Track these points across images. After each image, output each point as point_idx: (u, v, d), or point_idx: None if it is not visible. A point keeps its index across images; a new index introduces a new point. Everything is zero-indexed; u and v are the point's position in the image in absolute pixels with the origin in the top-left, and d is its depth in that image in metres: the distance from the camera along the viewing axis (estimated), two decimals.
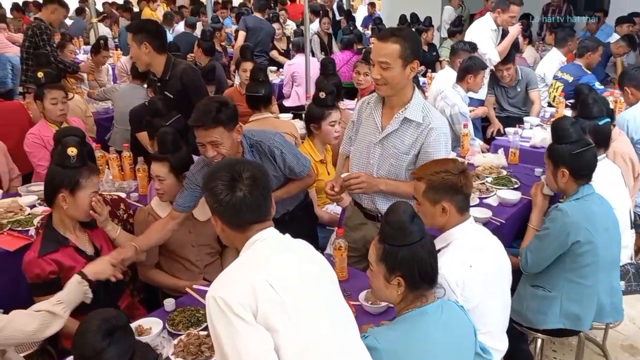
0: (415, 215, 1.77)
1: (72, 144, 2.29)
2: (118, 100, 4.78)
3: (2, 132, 4.01)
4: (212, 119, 2.38)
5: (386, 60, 2.35)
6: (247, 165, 1.68)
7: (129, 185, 3.57)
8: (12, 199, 3.33)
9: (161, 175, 2.68)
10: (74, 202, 2.32)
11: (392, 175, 2.54)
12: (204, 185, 1.71)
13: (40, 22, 5.33)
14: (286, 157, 2.66)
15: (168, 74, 3.54)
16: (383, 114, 2.55)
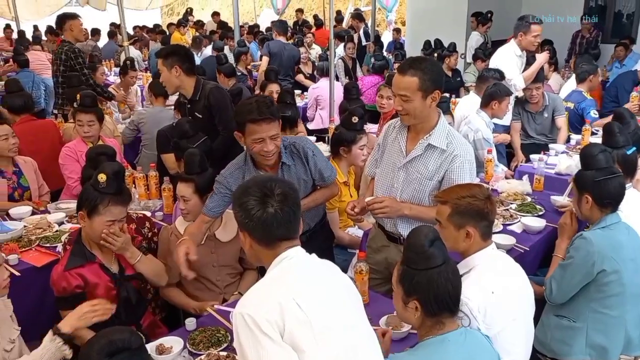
0: (436, 240, 1.76)
1: (105, 170, 2.35)
2: (145, 126, 4.89)
3: (33, 149, 4.15)
4: (274, 110, 2.49)
5: (405, 93, 2.39)
6: (279, 182, 1.70)
7: (154, 205, 3.63)
8: (41, 215, 3.42)
9: (186, 196, 2.74)
10: (89, 224, 2.38)
11: (415, 200, 2.55)
12: (235, 201, 1.71)
13: (71, 44, 5.44)
14: (317, 159, 2.73)
15: (198, 94, 3.63)
16: (408, 139, 2.57)
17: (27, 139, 4.03)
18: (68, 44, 5.45)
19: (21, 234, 3.14)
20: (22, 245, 3.02)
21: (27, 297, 2.74)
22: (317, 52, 9.24)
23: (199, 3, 18.92)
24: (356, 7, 14.88)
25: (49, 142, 4.43)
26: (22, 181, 3.67)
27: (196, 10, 17.21)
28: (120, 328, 1.55)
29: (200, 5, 18.67)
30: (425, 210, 2.52)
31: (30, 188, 3.69)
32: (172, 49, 3.66)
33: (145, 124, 4.88)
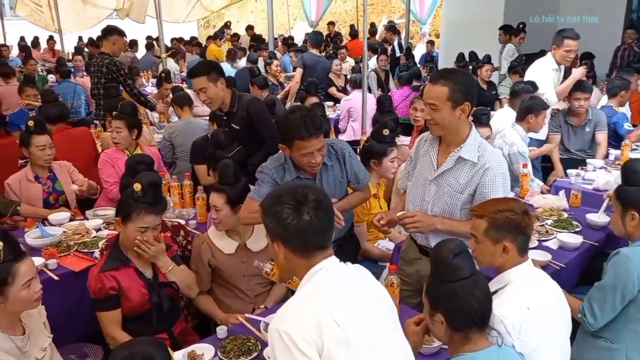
0: (461, 252, 1.74)
1: (141, 180, 2.44)
2: (177, 138, 4.97)
3: (69, 157, 4.27)
4: (320, 125, 2.58)
5: (434, 102, 2.38)
6: (311, 188, 1.66)
7: (188, 213, 3.70)
8: (79, 221, 3.52)
9: (218, 206, 2.78)
10: (124, 230, 2.48)
11: (446, 214, 2.53)
12: (267, 210, 1.65)
13: (112, 57, 5.54)
14: (353, 161, 2.84)
15: (235, 106, 3.69)
16: (439, 152, 2.56)
17: (63, 147, 4.15)
18: (108, 57, 5.56)
19: (60, 239, 3.23)
20: (61, 250, 3.11)
21: (64, 301, 2.83)
22: (350, 65, 9.28)
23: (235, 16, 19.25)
24: (390, 20, 14.91)
25: (84, 150, 4.59)
26: (57, 185, 3.79)
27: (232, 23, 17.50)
28: (147, 340, 1.58)
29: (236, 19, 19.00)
30: (458, 224, 2.49)
31: (65, 192, 3.80)
32: (211, 65, 3.70)
33: (177, 137, 4.97)
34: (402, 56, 9.86)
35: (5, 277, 1.96)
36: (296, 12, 17.94)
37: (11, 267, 1.97)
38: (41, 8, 12.65)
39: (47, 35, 12.89)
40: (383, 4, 17.09)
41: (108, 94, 5.18)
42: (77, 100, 7.11)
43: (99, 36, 7.19)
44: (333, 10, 17.13)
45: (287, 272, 1.75)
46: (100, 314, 2.45)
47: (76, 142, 4.60)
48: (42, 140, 3.64)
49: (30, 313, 2.15)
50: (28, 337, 2.09)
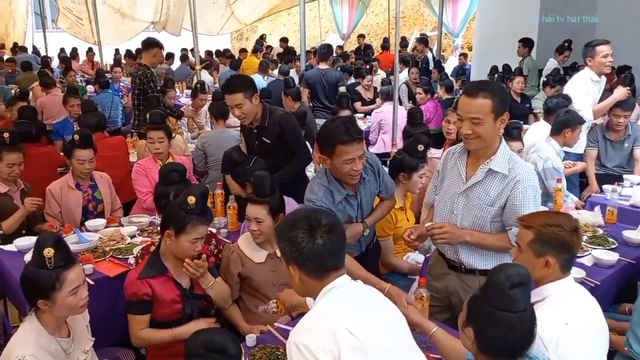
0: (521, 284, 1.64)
1: (194, 192, 2.48)
2: (210, 147, 5.04)
3: (106, 164, 4.42)
4: (360, 130, 2.65)
5: (478, 116, 2.34)
6: (323, 213, 1.74)
7: (219, 222, 3.75)
8: (115, 228, 3.61)
9: (260, 217, 2.79)
10: (175, 242, 2.51)
11: (476, 227, 2.50)
12: (282, 235, 1.73)
13: (146, 69, 5.67)
14: (383, 173, 2.91)
15: (266, 120, 3.72)
16: (468, 164, 2.54)
17: (101, 155, 4.27)
18: (144, 68, 5.68)
19: (96, 245, 3.33)
20: (97, 255, 3.19)
21: (99, 306, 2.88)
22: (381, 77, 9.29)
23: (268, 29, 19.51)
24: (422, 32, 14.88)
25: (120, 157, 4.79)
26: (97, 194, 3.90)
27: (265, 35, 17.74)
28: (224, 331, 1.78)
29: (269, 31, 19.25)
30: (488, 237, 2.47)
31: (104, 201, 3.91)
32: (247, 81, 3.72)
33: (209, 146, 5.04)
34: (433, 70, 9.81)
35: (54, 283, 2.03)
36: (328, 25, 18.08)
37: (60, 274, 2.04)
38: (81, 21, 13.10)
39: (86, 47, 13.29)
40: (415, 17, 17.08)
41: (149, 104, 5.28)
42: (115, 111, 7.32)
43: (139, 48, 7.36)
44: (365, 23, 17.19)
45: (302, 293, 1.81)
46: (131, 316, 2.53)
47: (112, 150, 4.77)
48: (83, 155, 3.75)
49: (75, 317, 2.22)
50: (73, 339, 2.16)
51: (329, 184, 2.73)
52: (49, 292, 2.02)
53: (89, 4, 11.49)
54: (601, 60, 4.65)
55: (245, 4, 14.52)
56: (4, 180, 3.65)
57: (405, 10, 16.63)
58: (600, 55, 4.63)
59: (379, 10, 17.50)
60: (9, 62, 10.34)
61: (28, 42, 15.03)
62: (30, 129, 4.43)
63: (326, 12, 17.30)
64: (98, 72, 8.76)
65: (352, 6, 14.91)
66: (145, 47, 5.75)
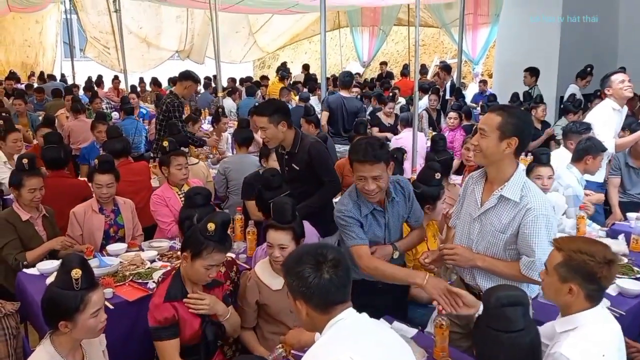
0: (512, 304, 1.65)
1: (215, 220, 2.49)
2: (231, 172, 5.09)
3: (130, 188, 4.49)
4: (378, 154, 2.64)
5: (484, 128, 2.41)
6: (329, 248, 1.76)
7: (239, 247, 3.77)
8: (135, 252, 3.65)
9: (284, 244, 2.77)
10: (190, 265, 2.52)
11: (489, 253, 2.49)
12: (288, 271, 1.76)
13: (175, 98, 5.76)
14: (414, 199, 2.92)
15: (297, 147, 3.73)
16: (484, 190, 2.54)
17: (125, 180, 4.34)
18: (173, 97, 5.76)
19: (117, 269, 3.37)
20: (117, 280, 3.23)
21: (117, 330, 2.90)
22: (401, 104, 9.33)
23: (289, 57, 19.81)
24: (442, 60, 14.96)
25: (143, 182, 4.87)
26: (119, 219, 3.95)
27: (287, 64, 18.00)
28: None
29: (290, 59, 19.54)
30: (500, 264, 2.45)
31: (125, 227, 3.95)
32: (276, 106, 3.73)
33: (231, 171, 5.09)
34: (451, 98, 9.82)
35: (79, 304, 2.06)
36: (349, 53, 18.30)
37: (85, 295, 2.07)
38: (108, 50, 13.50)
39: (112, 75, 13.65)
40: (435, 44, 17.18)
41: (171, 131, 5.36)
42: (138, 137, 7.46)
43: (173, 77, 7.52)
44: (385, 51, 17.34)
45: (309, 328, 1.82)
46: (161, 343, 2.47)
47: (136, 175, 4.86)
48: (101, 179, 3.80)
49: (91, 341, 2.23)
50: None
51: (357, 197, 2.79)
52: (73, 313, 2.05)
53: (116, 33, 11.84)
54: (619, 86, 4.63)
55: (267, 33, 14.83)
56: (26, 206, 3.69)
57: (425, 39, 16.76)
58: (617, 82, 4.62)
59: (399, 38, 17.66)
60: (37, 92, 10.65)
61: (56, 70, 15.48)
62: (59, 154, 4.53)
63: (347, 40, 17.53)
64: (123, 99, 8.95)
65: (373, 35, 15.13)
66: (181, 78, 5.86)
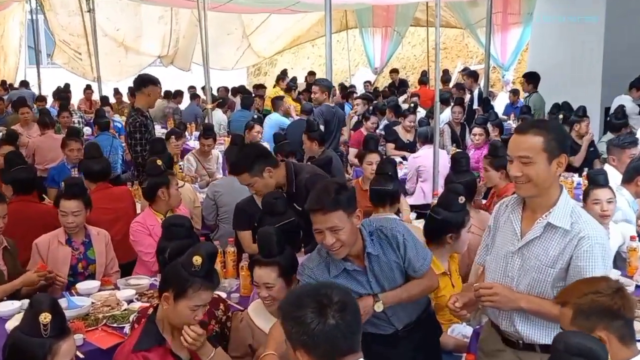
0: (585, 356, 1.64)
1: (201, 252, 2.49)
2: (222, 197, 5.08)
3: (109, 217, 4.49)
4: (331, 201, 2.53)
5: (527, 155, 2.36)
6: (334, 288, 1.76)
7: (231, 285, 3.76)
8: (110, 292, 3.65)
9: (269, 282, 2.76)
10: (173, 308, 2.50)
11: (534, 292, 2.46)
12: (285, 316, 1.74)
13: (137, 115, 5.47)
14: (408, 246, 2.74)
15: (293, 185, 3.75)
16: (523, 218, 2.52)
17: (102, 207, 4.36)
18: (135, 114, 5.54)
19: (88, 311, 3.36)
20: (88, 324, 3.22)
21: None
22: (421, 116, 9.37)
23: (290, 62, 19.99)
24: (466, 66, 15.06)
25: (125, 210, 4.79)
26: (90, 253, 3.95)
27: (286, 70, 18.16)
28: None
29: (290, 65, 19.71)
30: (547, 305, 2.41)
31: (97, 262, 3.94)
32: (251, 155, 3.76)
33: (221, 195, 5.07)
34: (478, 109, 9.87)
35: (45, 354, 2.04)
36: (358, 58, 18.46)
37: (54, 344, 2.06)
38: (80, 55, 13.62)
39: (83, 84, 13.75)
40: (458, 48, 17.32)
41: (154, 149, 5.27)
42: (114, 155, 7.46)
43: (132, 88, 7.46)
44: (400, 56, 17.49)
45: None
46: None
47: (117, 201, 4.81)
48: (67, 206, 3.80)
49: None
50: None
51: (328, 255, 2.69)
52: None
53: (89, 36, 11.97)
54: None
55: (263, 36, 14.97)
56: None
57: (447, 41, 16.90)
58: None
59: (416, 40, 17.82)
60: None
61: (19, 78, 15.54)
62: (29, 175, 4.55)
63: (355, 43, 17.69)
64: (98, 112, 9.04)
65: (386, 37, 15.23)
66: (138, 87, 5.69)
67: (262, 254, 2.84)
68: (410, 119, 8.01)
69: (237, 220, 4.27)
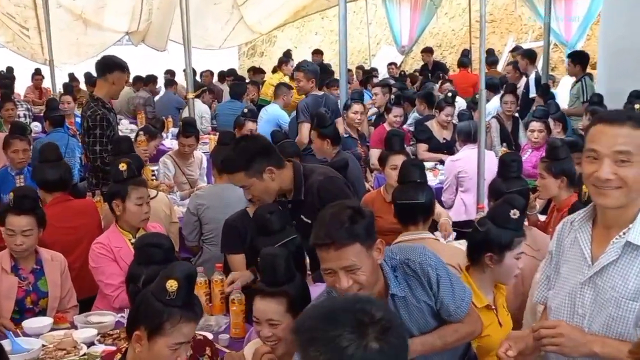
0: None
1: (176, 275, 2.50)
2: (207, 212, 5.11)
3: (67, 238, 4.52)
4: (345, 232, 2.50)
5: (627, 150, 2.32)
6: (374, 304, 1.71)
7: (218, 323, 3.78)
8: (65, 331, 3.66)
9: (274, 318, 2.78)
10: (148, 350, 2.52)
11: (612, 332, 2.44)
12: (313, 337, 1.66)
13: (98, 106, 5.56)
14: (442, 283, 2.73)
15: (302, 191, 3.74)
16: (594, 238, 2.51)
17: (61, 225, 4.41)
18: (94, 105, 5.61)
19: (37, 355, 3.37)
20: None
21: None
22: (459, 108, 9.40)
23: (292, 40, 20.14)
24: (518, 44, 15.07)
25: (88, 229, 4.77)
26: (41, 284, 3.98)
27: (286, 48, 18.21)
28: None
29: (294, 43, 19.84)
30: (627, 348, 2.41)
31: (49, 296, 3.97)
32: (249, 150, 3.74)
33: (207, 209, 5.11)
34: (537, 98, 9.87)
35: None
36: (380, 34, 18.55)
37: None
38: (27, 32, 13.70)
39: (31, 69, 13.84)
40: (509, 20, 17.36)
41: (118, 150, 5.33)
42: (71, 159, 7.52)
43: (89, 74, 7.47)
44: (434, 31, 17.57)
45: None
46: None
47: (78, 217, 4.82)
48: (15, 223, 3.82)
49: None
50: None
51: None
52: None
53: (40, 8, 12.04)
54: None
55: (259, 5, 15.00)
56: None
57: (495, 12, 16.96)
58: None
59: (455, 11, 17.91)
60: None
61: None
62: None
63: (377, 15, 17.79)
64: (49, 104, 9.07)
65: (416, 7, 15.23)
66: (102, 72, 5.75)
67: (265, 281, 2.85)
68: (447, 111, 7.98)
69: (227, 240, 4.29)
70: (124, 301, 3.79)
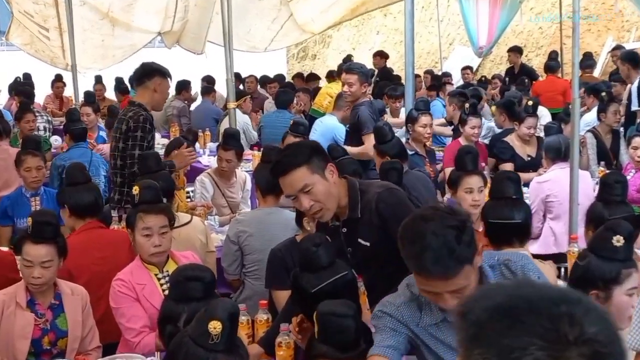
0: None
1: (219, 315, 2.52)
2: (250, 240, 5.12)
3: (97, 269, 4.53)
4: (455, 259, 2.56)
5: None
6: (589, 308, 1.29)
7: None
8: None
9: None
10: None
11: None
12: (478, 338, 1.28)
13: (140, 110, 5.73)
14: None
15: (358, 209, 3.67)
16: None
17: (92, 257, 4.49)
18: (137, 108, 5.78)
19: None
20: None
21: None
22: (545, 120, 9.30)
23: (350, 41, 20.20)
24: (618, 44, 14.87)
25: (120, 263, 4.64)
26: (60, 322, 4.00)
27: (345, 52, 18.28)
28: None
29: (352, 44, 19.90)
30: None
31: (69, 335, 3.99)
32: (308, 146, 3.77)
33: (249, 237, 5.11)
34: None
35: None
36: (453, 33, 18.50)
37: None
38: (47, 33, 13.97)
39: (51, 74, 14.10)
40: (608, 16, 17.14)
41: (144, 167, 5.39)
42: (95, 177, 7.63)
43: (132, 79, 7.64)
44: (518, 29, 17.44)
45: None
46: None
47: (110, 249, 4.78)
48: (34, 254, 3.84)
49: None
50: None
51: (425, 301, 2.81)
52: None
53: (61, 5, 12.21)
54: None
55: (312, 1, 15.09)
56: None
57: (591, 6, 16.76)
58: None
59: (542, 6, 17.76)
60: None
61: None
62: None
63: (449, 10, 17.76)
64: (70, 115, 9.18)
65: (496, 1, 15.13)
66: (140, 78, 5.91)
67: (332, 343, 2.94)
68: (529, 123, 7.90)
69: (272, 273, 4.32)
70: (147, 347, 3.84)
